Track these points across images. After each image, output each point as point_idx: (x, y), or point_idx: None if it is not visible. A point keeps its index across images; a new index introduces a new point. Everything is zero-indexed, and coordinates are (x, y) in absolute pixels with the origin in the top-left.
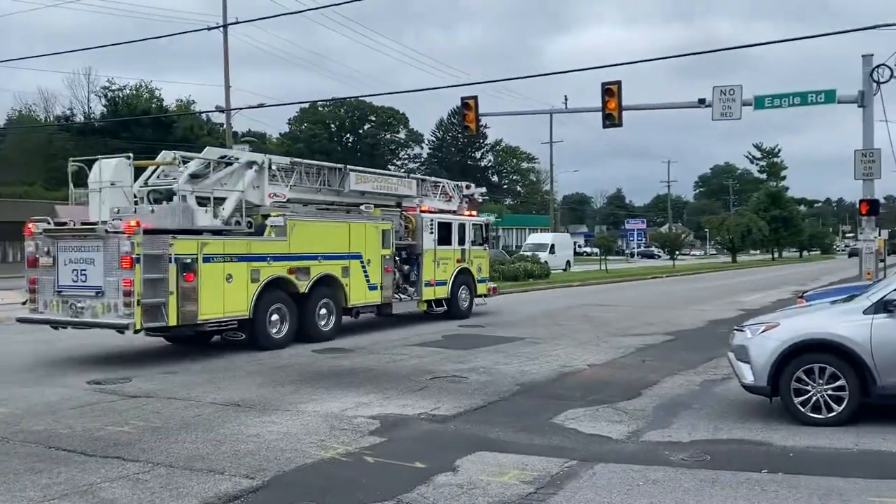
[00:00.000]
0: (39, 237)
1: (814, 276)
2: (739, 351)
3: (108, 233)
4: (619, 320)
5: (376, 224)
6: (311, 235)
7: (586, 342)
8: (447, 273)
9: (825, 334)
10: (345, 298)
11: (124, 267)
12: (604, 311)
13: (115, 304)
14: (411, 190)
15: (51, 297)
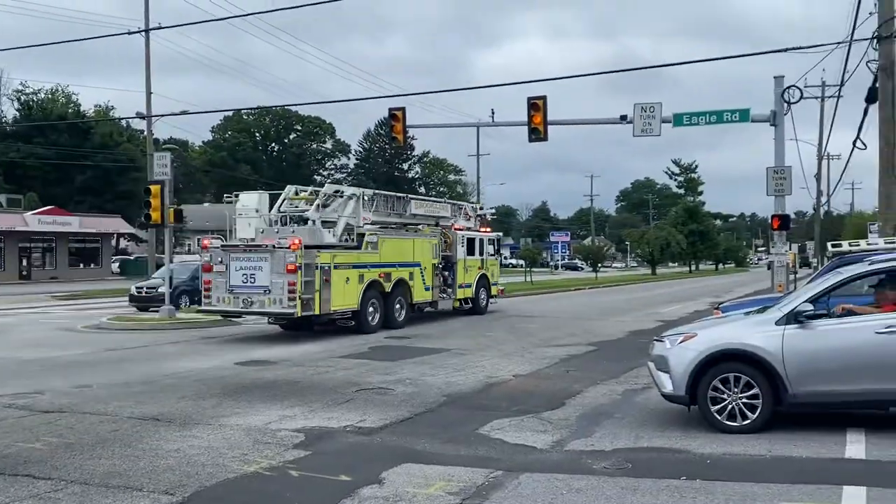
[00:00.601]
0: (214, 250)
1: (728, 288)
2: (659, 361)
3: (275, 248)
4: (543, 331)
5: (429, 240)
6: (392, 248)
7: (512, 353)
8: (472, 278)
9: (740, 344)
10: (410, 296)
11: (289, 272)
12: (529, 321)
13: (280, 299)
14: (447, 212)
15: (224, 294)
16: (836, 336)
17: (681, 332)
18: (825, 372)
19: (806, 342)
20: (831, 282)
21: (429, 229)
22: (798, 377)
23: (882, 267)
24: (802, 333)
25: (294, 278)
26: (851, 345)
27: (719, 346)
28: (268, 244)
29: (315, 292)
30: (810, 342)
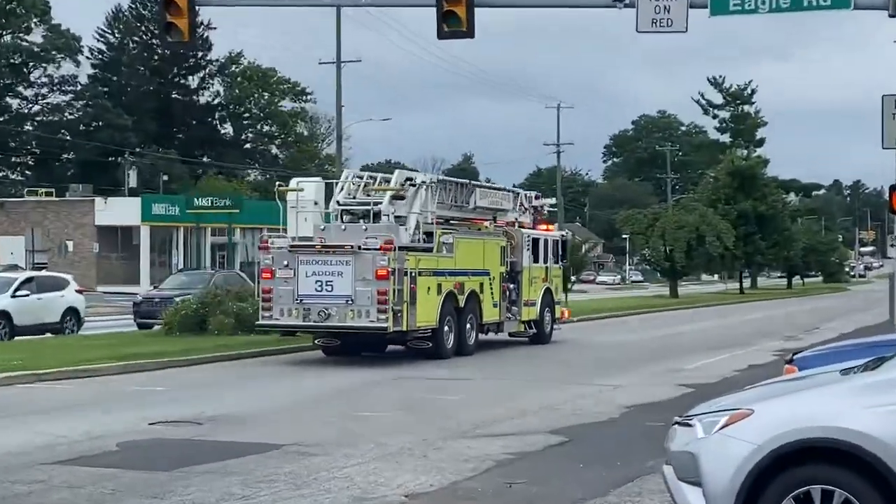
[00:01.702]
0: (277, 251)
1: (812, 322)
2: (683, 463)
3: (360, 249)
4: (467, 406)
5: (497, 241)
6: (466, 252)
7: (404, 450)
8: (537, 293)
9: (835, 430)
10: (480, 314)
11: (379, 278)
12: (441, 388)
13: (366, 311)
14: (509, 203)
15: (289, 305)
16: None
17: (724, 406)
18: None
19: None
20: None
21: (492, 227)
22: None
23: None
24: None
25: (386, 286)
26: None
27: (796, 433)
28: (352, 245)
29: (404, 304)
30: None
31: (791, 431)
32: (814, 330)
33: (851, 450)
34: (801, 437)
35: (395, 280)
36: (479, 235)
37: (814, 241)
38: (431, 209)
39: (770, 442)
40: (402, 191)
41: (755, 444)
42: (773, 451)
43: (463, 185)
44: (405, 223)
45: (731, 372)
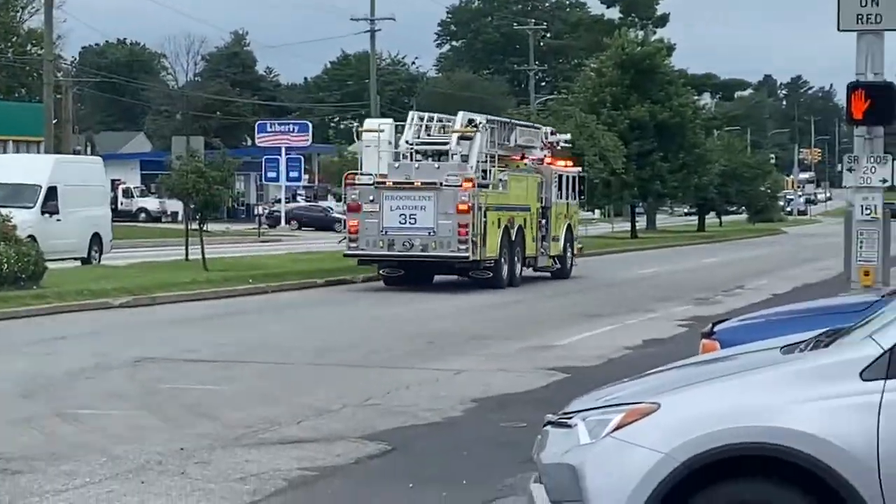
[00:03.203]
0: (363, 188)
1: (736, 278)
2: (560, 479)
3: (442, 186)
4: (241, 398)
5: (534, 177)
6: (515, 189)
7: (151, 462)
8: (561, 229)
9: (771, 433)
10: (524, 249)
11: (460, 212)
12: (197, 373)
13: (448, 242)
14: (537, 141)
15: (375, 237)
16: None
17: (619, 400)
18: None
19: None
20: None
21: (524, 164)
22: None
23: None
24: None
25: (467, 220)
26: None
27: (719, 437)
28: (434, 181)
29: (479, 236)
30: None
31: (712, 434)
32: (736, 290)
33: (796, 460)
34: (725, 441)
35: (473, 214)
36: (523, 172)
37: (736, 162)
38: (486, 148)
39: (682, 449)
40: (468, 132)
41: (662, 453)
42: (686, 461)
43: (505, 123)
44: (468, 161)
45: (619, 350)
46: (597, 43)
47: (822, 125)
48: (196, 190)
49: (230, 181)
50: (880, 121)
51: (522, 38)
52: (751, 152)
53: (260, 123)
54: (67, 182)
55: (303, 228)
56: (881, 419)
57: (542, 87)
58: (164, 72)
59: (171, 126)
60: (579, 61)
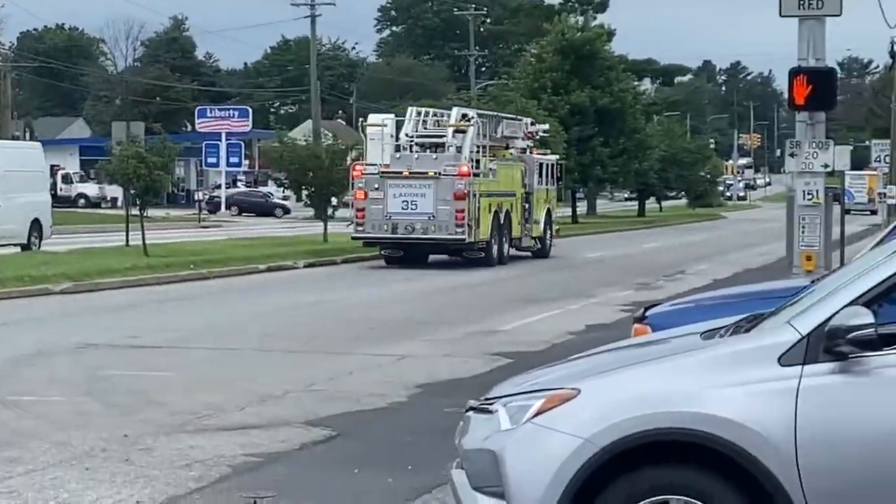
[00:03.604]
0: (370, 177)
1: (677, 263)
2: (481, 465)
3: (440, 175)
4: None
5: (519, 166)
6: (503, 177)
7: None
8: (541, 212)
9: (684, 416)
10: (511, 231)
11: (457, 199)
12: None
13: (446, 225)
14: (520, 132)
15: (380, 221)
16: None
17: (539, 386)
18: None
19: (857, 411)
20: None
21: (509, 154)
22: (834, 499)
23: None
24: (847, 387)
25: (463, 205)
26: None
27: (638, 422)
28: (433, 171)
29: (473, 220)
30: (869, 411)
31: (630, 420)
32: (677, 275)
33: (715, 445)
34: (643, 427)
35: (469, 200)
36: (509, 161)
37: (676, 147)
38: (478, 140)
39: (602, 434)
40: (462, 125)
41: (581, 438)
42: (606, 447)
43: (493, 117)
44: (462, 152)
45: (563, 335)
46: (537, 28)
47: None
48: (137, 175)
49: (171, 167)
50: (822, 106)
51: (462, 23)
52: (690, 138)
53: (200, 109)
54: (7, 168)
55: (243, 214)
56: (798, 405)
57: (482, 73)
58: (103, 57)
59: (110, 111)
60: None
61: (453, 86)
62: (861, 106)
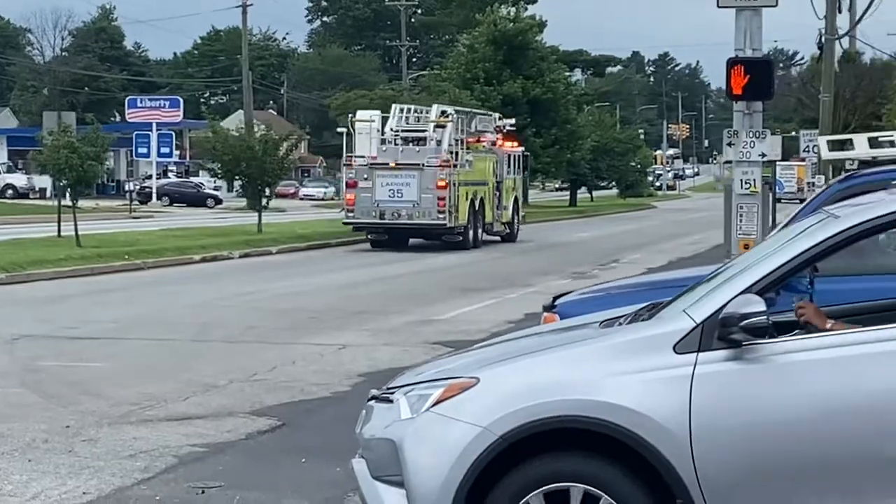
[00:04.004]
0: (360, 167)
1: (611, 252)
2: (381, 454)
3: (424, 166)
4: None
5: (491, 157)
6: (477, 167)
7: (37, 441)
8: (510, 200)
9: (581, 404)
10: (484, 217)
11: (439, 188)
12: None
13: (429, 212)
14: (490, 126)
15: (369, 208)
16: (824, 381)
17: (441, 375)
18: (803, 476)
19: (750, 398)
20: (805, 243)
21: (482, 146)
22: (729, 487)
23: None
24: (740, 374)
25: (445, 194)
26: (873, 405)
27: (535, 410)
28: (417, 162)
29: (453, 207)
30: (762, 398)
31: (528, 408)
32: (611, 264)
33: (611, 432)
34: (541, 415)
35: (449, 189)
36: (482, 153)
37: (607, 138)
38: (456, 135)
39: (500, 423)
40: (442, 121)
41: (480, 427)
42: (504, 435)
43: (467, 113)
44: (441, 145)
45: (501, 323)
46: (469, 19)
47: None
48: (69, 166)
49: (103, 157)
50: (759, 96)
51: (393, 13)
52: (621, 128)
53: (130, 99)
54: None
55: (174, 204)
56: (693, 393)
57: (413, 63)
58: (30, 47)
59: (38, 102)
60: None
61: (385, 76)
62: (789, 97)
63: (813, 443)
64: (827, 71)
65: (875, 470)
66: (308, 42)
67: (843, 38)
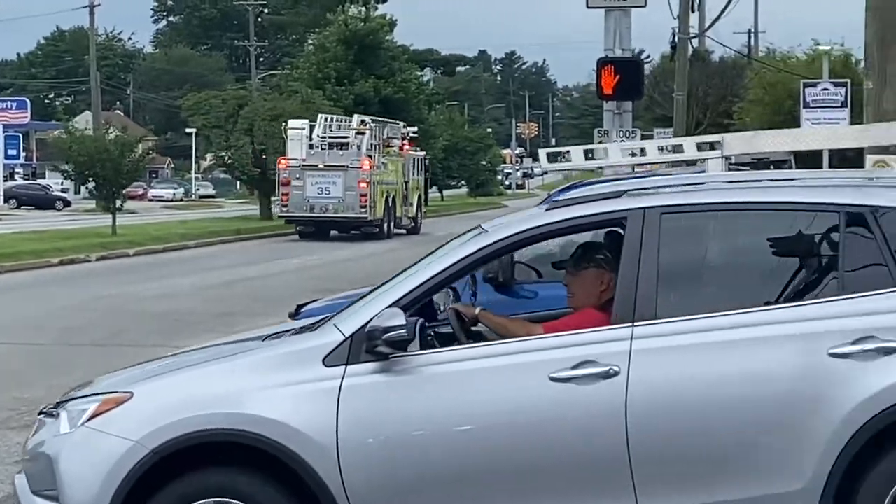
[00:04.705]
0: (292, 168)
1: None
2: (39, 468)
3: (348, 167)
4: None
5: (401, 160)
6: (390, 169)
7: None
8: (415, 197)
9: (231, 417)
10: (395, 212)
11: (361, 186)
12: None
13: (352, 206)
14: (398, 133)
15: (301, 203)
16: (467, 389)
17: (101, 389)
18: (446, 486)
19: (396, 409)
20: (453, 257)
21: (393, 151)
22: (375, 497)
23: (558, 221)
24: (387, 386)
25: (366, 191)
26: (506, 411)
27: (186, 424)
28: (342, 164)
29: (372, 203)
30: (407, 409)
31: (179, 422)
32: None
33: (261, 445)
34: (192, 429)
35: (370, 187)
36: (393, 157)
37: (458, 137)
38: (372, 140)
39: (151, 437)
40: (362, 129)
41: (132, 441)
42: (155, 449)
43: (380, 122)
44: (361, 149)
45: None
46: (318, 18)
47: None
48: None
49: None
50: (629, 96)
51: (240, 13)
52: (470, 127)
53: None
54: None
55: (22, 207)
56: (340, 405)
57: (262, 63)
58: None
59: None
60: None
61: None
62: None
63: (454, 453)
64: (681, 70)
65: (508, 479)
66: (154, 42)
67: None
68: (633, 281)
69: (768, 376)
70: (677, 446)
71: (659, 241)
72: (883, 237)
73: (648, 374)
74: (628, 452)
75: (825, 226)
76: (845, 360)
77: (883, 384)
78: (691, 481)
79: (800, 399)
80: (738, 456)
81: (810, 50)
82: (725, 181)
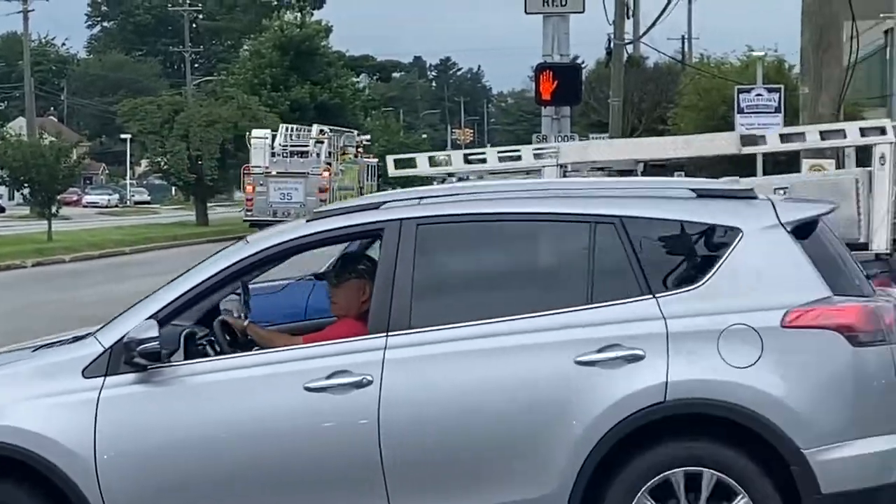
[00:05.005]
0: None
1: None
2: None
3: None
4: None
5: (357, 166)
6: (348, 175)
7: None
8: None
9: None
10: None
11: (321, 192)
12: None
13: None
14: (353, 141)
15: (264, 208)
16: (224, 398)
17: None
18: (204, 494)
19: (154, 419)
20: (212, 269)
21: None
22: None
23: (317, 232)
24: (145, 396)
25: (326, 196)
26: (262, 420)
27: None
28: (304, 171)
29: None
30: (164, 419)
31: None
32: None
33: (19, 457)
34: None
35: (329, 192)
36: (350, 164)
37: (394, 143)
38: (331, 149)
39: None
40: (321, 138)
41: None
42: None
43: (338, 131)
44: (320, 157)
45: None
46: (253, 24)
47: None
48: None
49: None
50: (567, 101)
51: (175, 19)
52: (405, 133)
53: None
54: None
55: None
56: (98, 416)
57: (196, 69)
58: None
59: None
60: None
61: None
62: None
63: (210, 461)
64: (616, 76)
65: (265, 487)
66: (88, 48)
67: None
68: (389, 291)
69: (518, 384)
70: (430, 453)
71: (415, 251)
72: (630, 246)
73: (401, 382)
74: (381, 460)
75: (577, 236)
76: (591, 368)
77: (626, 391)
78: (444, 487)
79: (548, 406)
80: (491, 461)
81: (744, 56)
82: (486, 191)
